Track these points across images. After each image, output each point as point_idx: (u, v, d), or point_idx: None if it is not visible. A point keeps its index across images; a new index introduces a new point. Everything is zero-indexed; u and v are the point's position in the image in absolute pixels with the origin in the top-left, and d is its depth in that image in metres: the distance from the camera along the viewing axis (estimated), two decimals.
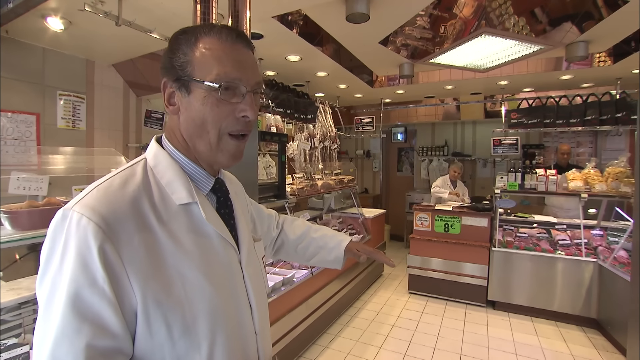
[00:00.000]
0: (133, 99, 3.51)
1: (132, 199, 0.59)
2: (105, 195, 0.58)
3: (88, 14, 2.00)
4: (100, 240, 0.53)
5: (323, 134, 4.51)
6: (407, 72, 3.87)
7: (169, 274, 0.59)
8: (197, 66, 0.63)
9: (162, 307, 0.57)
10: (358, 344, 3.03)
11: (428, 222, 4.15)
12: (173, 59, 0.64)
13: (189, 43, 0.64)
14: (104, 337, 0.53)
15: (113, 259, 0.54)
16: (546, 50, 3.12)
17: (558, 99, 4.16)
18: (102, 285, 0.53)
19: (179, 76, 0.64)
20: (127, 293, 0.55)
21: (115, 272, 0.54)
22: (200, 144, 0.66)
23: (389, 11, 2.67)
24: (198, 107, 0.63)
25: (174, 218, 0.63)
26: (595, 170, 3.67)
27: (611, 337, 3.06)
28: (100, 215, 0.54)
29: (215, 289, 0.64)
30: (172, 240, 0.61)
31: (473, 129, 6.42)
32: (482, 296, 3.80)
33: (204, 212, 0.66)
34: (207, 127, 0.64)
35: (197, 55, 0.63)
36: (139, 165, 0.65)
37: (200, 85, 0.62)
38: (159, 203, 0.62)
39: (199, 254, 0.63)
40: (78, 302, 0.52)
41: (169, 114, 0.68)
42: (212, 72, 0.62)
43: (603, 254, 3.34)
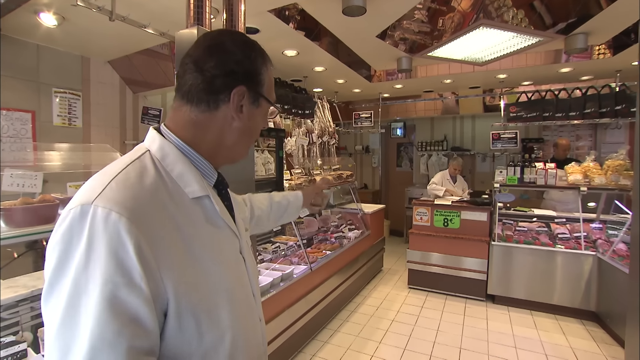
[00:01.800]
0: (129, 96, 3.49)
1: (153, 191, 0.58)
2: (127, 188, 0.55)
3: (82, 10, 1.98)
4: (135, 236, 0.51)
5: (321, 129, 4.49)
6: (406, 67, 3.85)
7: (194, 267, 0.59)
8: (266, 86, 0.72)
9: (191, 300, 0.57)
10: (358, 339, 3.04)
11: (427, 216, 4.15)
12: (254, 75, 0.70)
13: (264, 64, 0.72)
14: (143, 337, 0.52)
15: (148, 256, 0.52)
16: (545, 43, 3.09)
17: (557, 92, 4.14)
18: (139, 283, 0.51)
19: (256, 90, 0.70)
20: (160, 290, 0.54)
21: (150, 270, 0.52)
22: (243, 147, 0.74)
23: (386, 4, 2.64)
24: (259, 120, 0.73)
25: (190, 210, 0.63)
26: (594, 163, 3.66)
27: (610, 329, 3.07)
28: (130, 209, 0.52)
29: (231, 279, 0.66)
30: (193, 232, 0.61)
31: (472, 124, 6.40)
32: (481, 290, 3.81)
33: (217, 204, 0.68)
34: (255, 135, 0.75)
35: (266, 77, 0.72)
36: (145, 157, 0.63)
37: (267, 103, 0.73)
38: (175, 196, 0.61)
39: (215, 245, 0.65)
40: (116, 303, 0.49)
41: (220, 115, 0.68)
42: (272, 95, 0.75)
43: (602, 247, 3.33)
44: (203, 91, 0.65)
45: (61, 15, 2.35)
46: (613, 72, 4.12)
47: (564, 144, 4.35)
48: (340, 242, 3.72)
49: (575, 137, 5.31)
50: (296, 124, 4.16)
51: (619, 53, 3.47)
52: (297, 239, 3.26)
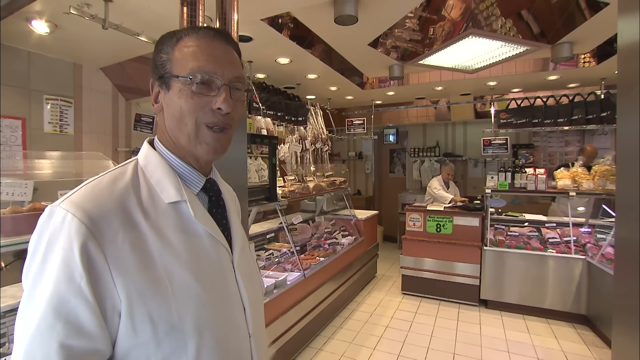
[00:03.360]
0: (122, 103, 3.47)
1: (119, 197, 0.60)
2: (92, 192, 0.58)
3: (74, 17, 1.98)
4: (83, 237, 0.53)
5: (314, 136, 4.51)
6: (397, 74, 3.90)
7: (155, 272, 0.59)
8: (175, 63, 0.66)
9: (147, 304, 0.56)
10: (352, 346, 3.03)
11: (420, 222, 4.18)
12: (156, 59, 0.68)
13: (170, 43, 0.68)
14: (79, 336, 0.53)
15: (95, 256, 0.54)
16: (532, 51, 3.17)
17: (546, 99, 4.23)
18: (78, 283, 0.52)
19: (161, 74, 0.67)
20: (109, 291, 0.55)
21: (96, 270, 0.54)
22: (181, 137, 0.67)
23: (377, 13, 2.69)
24: (175, 100, 0.66)
25: (162, 216, 0.63)
26: (582, 168, 3.73)
27: (600, 332, 3.10)
28: (85, 211, 0.55)
29: (204, 288, 0.63)
30: (159, 237, 0.61)
31: (464, 130, 6.48)
32: (474, 295, 3.83)
33: (193, 210, 0.66)
34: (185, 119, 0.66)
35: (176, 53, 0.67)
36: (129, 165, 0.67)
37: (177, 79, 0.65)
38: (147, 201, 0.63)
39: (187, 252, 0.63)
40: (56, 299, 0.52)
41: (156, 112, 0.71)
42: (187, 66, 0.65)
43: (591, 251, 3.39)
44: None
45: (53, 22, 2.34)
46: (598, 80, 4.23)
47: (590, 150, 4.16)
48: (333, 249, 3.72)
49: (564, 143, 5.42)
50: (289, 130, 4.18)
51: (603, 62, 3.57)
52: (291, 245, 3.25)
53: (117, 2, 2.02)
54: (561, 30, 2.99)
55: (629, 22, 1.27)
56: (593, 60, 3.69)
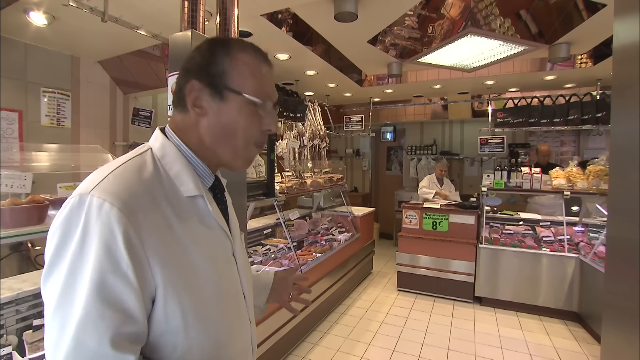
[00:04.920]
0: (120, 97, 3.46)
1: (148, 186, 0.61)
2: (123, 181, 0.59)
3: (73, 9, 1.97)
4: (124, 225, 0.54)
5: (312, 132, 4.52)
6: (396, 72, 3.91)
7: (183, 261, 0.61)
8: (234, 78, 0.67)
9: (178, 292, 0.59)
10: (347, 341, 3.06)
11: (416, 219, 4.21)
12: (209, 65, 0.67)
13: (227, 53, 0.68)
14: (127, 322, 0.54)
15: (136, 244, 0.55)
16: (530, 51, 3.19)
17: (542, 98, 4.26)
18: (125, 271, 0.54)
19: (214, 83, 0.67)
20: (148, 279, 0.57)
21: (138, 258, 0.55)
22: (225, 149, 0.69)
23: (377, 10, 2.69)
24: (233, 115, 0.67)
25: (185, 208, 0.65)
26: (577, 168, 3.77)
27: (591, 329, 3.16)
28: (122, 200, 0.55)
29: (220, 278, 0.67)
30: (184, 228, 0.63)
31: (461, 128, 6.52)
32: (469, 292, 3.87)
33: (210, 205, 0.69)
34: (238, 134, 0.68)
35: (235, 67, 0.67)
36: (147, 155, 0.67)
37: (237, 96, 0.67)
38: (170, 193, 0.64)
39: (207, 243, 0.67)
40: (102, 287, 0.52)
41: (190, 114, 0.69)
42: (249, 85, 0.67)
43: (584, 250, 3.44)
44: (176, 94, 0.71)
45: (51, 14, 2.33)
46: (594, 81, 4.27)
47: (543, 149, 4.49)
48: (330, 245, 3.75)
49: (560, 143, 5.47)
50: (287, 127, 4.18)
51: (599, 63, 3.61)
52: (288, 241, 3.27)
53: None
54: (559, 30, 3.01)
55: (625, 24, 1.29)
56: (589, 61, 3.73)
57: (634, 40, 1.20)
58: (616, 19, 1.33)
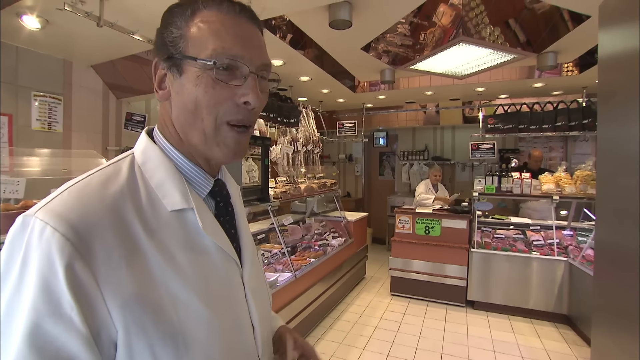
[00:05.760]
0: (113, 101, 3.43)
1: (113, 203, 0.49)
2: (78, 198, 0.47)
3: (67, 13, 1.96)
4: (68, 256, 0.43)
5: (306, 138, 4.54)
6: (389, 78, 3.97)
7: (157, 296, 0.48)
8: (191, 42, 0.53)
9: (148, 336, 0.46)
10: (342, 346, 3.05)
11: (409, 224, 4.24)
12: (164, 34, 0.55)
13: (183, 16, 0.54)
14: None
15: (84, 279, 0.43)
16: (519, 59, 3.28)
17: (531, 105, 4.37)
18: (69, 314, 0.42)
19: (171, 54, 0.54)
20: (104, 321, 0.45)
21: (87, 297, 0.43)
22: (194, 135, 0.56)
23: (371, 18, 2.74)
24: (190, 89, 0.53)
25: (165, 227, 0.52)
26: (565, 173, 3.87)
27: (580, 331, 3.22)
28: (69, 223, 0.44)
29: (213, 311, 0.53)
30: (162, 254, 0.50)
31: (452, 134, 6.62)
32: (461, 296, 3.91)
33: (201, 220, 0.55)
34: (201, 113, 0.53)
35: (192, 30, 0.53)
36: (124, 162, 0.55)
37: (194, 62, 0.52)
38: (146, 209, 0.52)
39: (193, 270, 0.53)
40: (37, 335, 0.41)
41: (159, 100, 0.58)
42: (207, 47, 0.52)
43: (573, 253, 3.51)
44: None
45: (45, 18, 2.31)
46: (580, 89, 4.39)
47: (536, 155, 4.59)
48: (324, 250, 3.75)
49: (549, 149, 5.59)
50: (281, 132, 4.20)
51: (585, 71, 3.72)
52: (282, 246, 3.27)
53: (113, 0, 2.01)
54: (546, 40, 3.10)
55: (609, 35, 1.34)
56: (575, 70, 3.84)
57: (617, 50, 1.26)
58: (600, 30, 1.39)
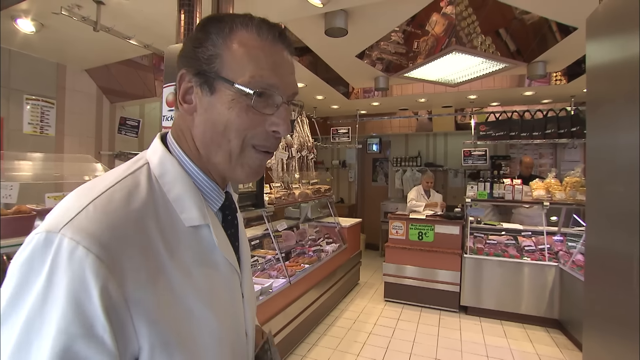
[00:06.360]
0: (107, 106, 3.41)
1: (137, 221, 0.48)
2: (105, 215, 0.46)
3: (62, 17, 1.96)
4: (103, 278, 0.42)
5: (300, 143, 4.56)
6: (383, 85, 4.02)
7: (177, 311, 0.49)
8: (227, 63, 0.53)
9: (168, 349, 0.47)
10: (336, 352, 3.04)
11: (403, 230, 4.27)
12: (198, 49, 0.54)
13: (221, 33, 0.54)
14: None
15: (117, 300, 0.43)
16: (510, 68, 3.36)
17: (522, 113, 4.46)
18: (101, 335, 0.42)
19: (203, 70, 0.54)
20: (130, 340, 0.45)
21: (119, 318, 0.43)
22: (218, 154, 0.56)
23: (366, 27, 2.79)
24: (222, 110, 0.53)
25: (182, 243, 0.53)
26: (555, 180, 3.94)
27: (571, 335, 3.26)
28: (102, 244, 0.43)
29: (220, 321, 0.55)
30: (181, 271, 0.51)
31: (445, 141, 6.70)
32: (455, 302, 3.93)
33: (216, 236, 0.57)
34: (230, 135, 0.54)
35: (229, 50, 0.53)
36: (142, 174, 0.54)
37: (229, 86, 0.53)
38: (166, 224, 0.51)
39: (206, 284, 0.54)
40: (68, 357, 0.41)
41: (181, 112, 0.57)
42: (245, 73, 0.53)
43: (563, 258, 3.56)
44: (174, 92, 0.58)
45: (40, 22, 2.30)
46: (568, 97, 4.51)
47: (527, 161, 4.68)
48: (318, 256, 3.75)
49: (539, 155, 5.70)
50: None
51: (573, 80, 3.82)
52: (276, 252, 3.26)
53: (110, 5, 2.02)
54: (535, 50, 3.19)
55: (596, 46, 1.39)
56: (564, 79, 3.94)
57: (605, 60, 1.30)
58: (588, 41, 1.44)
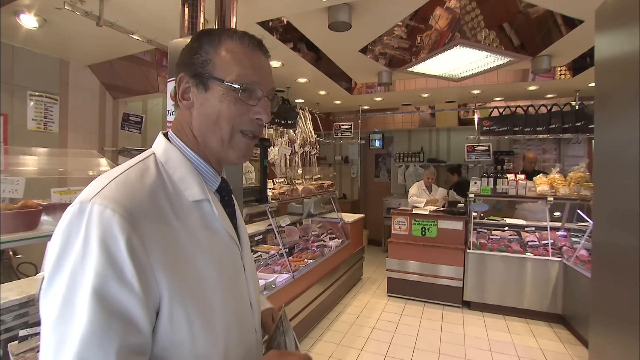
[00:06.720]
0: (110, 102, 3.41)
1: (151, 192, 0.59)
2: (125, 188, 0.57)
3: (65, 12, 1.95)
4: (127, 233, 0.52)
5: (303, 139, 4.55)
6: (386, 80, 4.00)
7: (188, 269, 0.59)
8: (218, 66, 0.66)
9: (184, 302, 0.57)
10: (339, 347, 3.06)
11: (406, 226, 4.27)
12: (194, 56, 0.67)
13: (212, 43, 0.67)
14: (133, 334, 0.52)
15: (140, 252, 0.53)
16: (515, 62, 3.33)
17: (526, 108, 4.43)
18: (130, 279, 0.51)
19: (198, 73, 0.66)
20: (152, 289, 0.54)
21: (142, 267, 0.53)
22: (212, 140, 0.68)
23: (369, 21, 2.77)
24: (215, 103, 0.65)
25: (188, 213, 0.63)
26: (559, 175, 3.92)
27: (575, 330, 3.26)
28: (124, 207, 0.54)
29: (226, 285, 0.65)
30: (188, 235, 0.61)
31: (447, 136, 6.67)
32: (458, 297, 3.94)
33: (216, 209, 0.68)
34: (221, 123, 0.66)
35: (219, 56, 0.66)
36: (150, 160, 0.65)
37: (220, 83, 0.65)
38: (173, 197, 0.62)
39: (210, 247, 0.64)
40: (106, 297, 0.50)
41: (182, 108, 0.69)
42: (232, 72, 0.65)
43: (567, 254, 3.56)
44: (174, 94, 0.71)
45: (43, 17, 2.30)
46: (573, 92, 4.47)
47: (531, 156, 4.65)
48: (321, 251, 3.75)
49: (542, 151, 5.67)
50: (279, 133, 4.20)
51: (578, 75, 3.79)
52: (279, 247, 3.26)
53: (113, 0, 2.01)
54: (540, 44, 3.16)
55: (605, 38, 1.37)
56: (569, 73, 3.91)
57: (614, 53, 1.29)
58: (597, 34, 1.42)
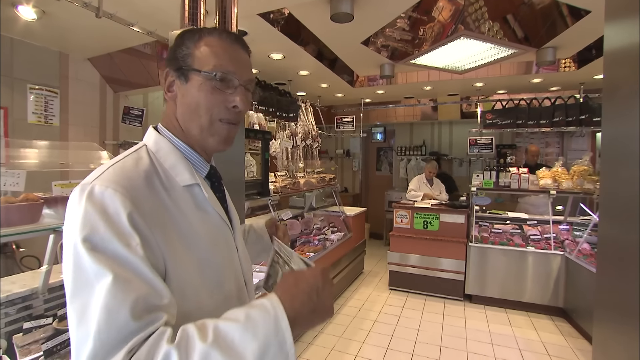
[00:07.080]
0: (110, 95, 3.39)
1: (147, 177, 0.64)
2: (122, 172, 0.62)
3: (64, 4, 1.93)
4: (129, 207, 0.57)
5: (305, 132, 4.52)
6: (388, 73, 3.96)
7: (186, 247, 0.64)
8: (196, 58, 0.70)
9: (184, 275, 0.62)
10: (341, 340, 3.07)
11: (408, 219, 4.26)
12: (176, 51, 0.72)
13: (192, 39, 0.72)
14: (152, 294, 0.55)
15: (142, 225, 0.57)
16: (519, 54, 3.28)
17: (529, 101, 4.39)
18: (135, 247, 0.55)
19: (180, 66, 0.71)
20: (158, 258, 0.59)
21: (146, 237, 0.57)
22: (193, 127, 0.72)
23: (372, 12, 2.72)
24: (194, 93, 0.70)
25: (180, 196, 0.68)
26: (562, 168, 3.90)
27: (576, 324, 3.27)
28: (124, 187, 0.58)
29: (221, 263, 0.71)
30: (183, 216, 0.66)
31: (450, 129, 6.63)
32: (459, 290, 3.95)
33: (207, 193, 0.73)
34: (200, 111, 0.70)
35: (198, 50, 0.71)
36: (142, 151, 0.70)
37: (198, 74, 0.69)
38: (166, 182, 0.67)
39: (205, 229, 0.69)
40: (121, 262, 0.54)
41: (167, 100, 0.74)
42: (210, 63, 0.70)
43: (569, 247, 3.55)
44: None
45: (41, 8, 2.27)
46: (577, 84, 4.42)
47: (533, 150, 4.62)
48: (323, 245, 3.76)
49: (545, 144, 5.63)
50: (280, 126, 4.18)
51: (583, 67, 3.74)
52: None
53: None
54: (544, 36, 3.11)
55: (616, 28, 1.34)
56: (573, 65, 3.86)
57: (625, 43, 1.26)
58: (607, 23, 1.39)
